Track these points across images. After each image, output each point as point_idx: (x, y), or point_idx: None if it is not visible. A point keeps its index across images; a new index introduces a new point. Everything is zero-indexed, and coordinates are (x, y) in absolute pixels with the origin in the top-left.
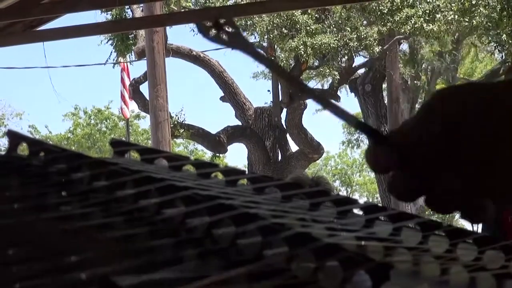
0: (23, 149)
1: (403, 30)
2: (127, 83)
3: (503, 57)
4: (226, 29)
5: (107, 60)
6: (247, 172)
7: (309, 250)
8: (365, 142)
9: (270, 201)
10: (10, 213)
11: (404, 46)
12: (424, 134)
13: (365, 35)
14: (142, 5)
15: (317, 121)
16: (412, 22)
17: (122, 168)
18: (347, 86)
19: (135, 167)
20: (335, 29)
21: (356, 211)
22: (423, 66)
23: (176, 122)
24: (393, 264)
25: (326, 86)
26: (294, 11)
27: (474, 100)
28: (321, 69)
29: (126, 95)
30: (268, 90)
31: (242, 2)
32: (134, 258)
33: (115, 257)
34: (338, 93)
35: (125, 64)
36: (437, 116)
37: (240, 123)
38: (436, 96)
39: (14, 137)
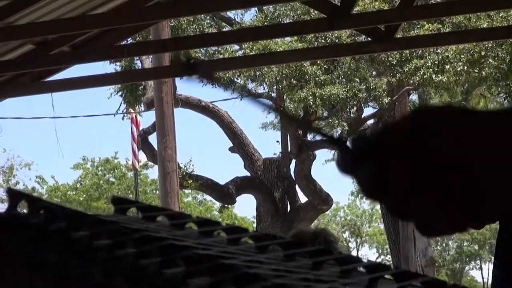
0: (23, 207)
1: (412, 81)
2: (136, 134)
3: None
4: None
5: (117, 111)
6: (251, 229)
7: None
8: None
9: (272, 260)
10: (10, 272)
11: (414, 97)
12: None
13: (374, 86)
14: (151, 56)
15: (326, 172)
16: (421, 73)
17: (122, 227)
18: None
19: (136, 226)
20: (344, 80)
21: (360, 269)
22: None
23: (184, 173)
24: None
25: None
26: (303, 62)
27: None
28: (330, 120)
29: (135, 147)
30: (277, 141)
31: (251, 53)
32: None
33: None
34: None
35: (135, 115)
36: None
37: (249, 174)
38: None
39: (14, 195)
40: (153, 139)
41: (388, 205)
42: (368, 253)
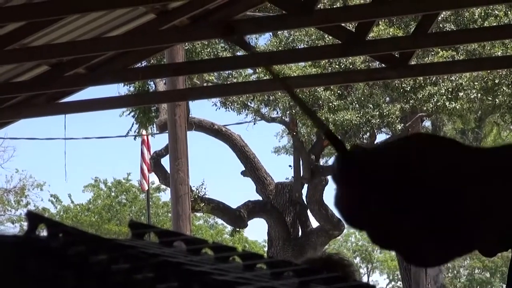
0: (41, 229)
1: (425, 108)
2: (147, 156)
3: None
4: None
5: (128, 132)
6: (265, 256)
7: None
8: None
9: (287, 287)
10: None
11: (427, 123)
12: (391, 160)
13: (387, 112)
14: (165, 78)
15: None
16: (435, 100)
17: (140, 251)
18: None
19: (153, 251)
20: (357, 105)
21: None
22: None
23: (196, 196)
24: None
25: None
26: (316, 87)
27: (450, 156)
28: None
29: (145, 168)
30: (290, 166)
31: (265, 78)
32: None
33: None
34: None
35: (146, 136)
36: (409, 152)
37: (260, 198)
38: (415, 137)
39: (34, 218)
40: (165, 161)
41: (370, 235)
42: (379, 279)
